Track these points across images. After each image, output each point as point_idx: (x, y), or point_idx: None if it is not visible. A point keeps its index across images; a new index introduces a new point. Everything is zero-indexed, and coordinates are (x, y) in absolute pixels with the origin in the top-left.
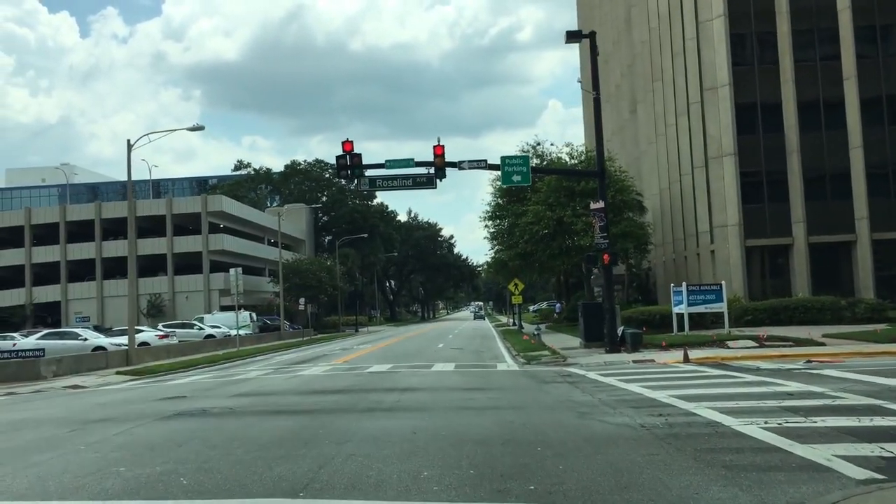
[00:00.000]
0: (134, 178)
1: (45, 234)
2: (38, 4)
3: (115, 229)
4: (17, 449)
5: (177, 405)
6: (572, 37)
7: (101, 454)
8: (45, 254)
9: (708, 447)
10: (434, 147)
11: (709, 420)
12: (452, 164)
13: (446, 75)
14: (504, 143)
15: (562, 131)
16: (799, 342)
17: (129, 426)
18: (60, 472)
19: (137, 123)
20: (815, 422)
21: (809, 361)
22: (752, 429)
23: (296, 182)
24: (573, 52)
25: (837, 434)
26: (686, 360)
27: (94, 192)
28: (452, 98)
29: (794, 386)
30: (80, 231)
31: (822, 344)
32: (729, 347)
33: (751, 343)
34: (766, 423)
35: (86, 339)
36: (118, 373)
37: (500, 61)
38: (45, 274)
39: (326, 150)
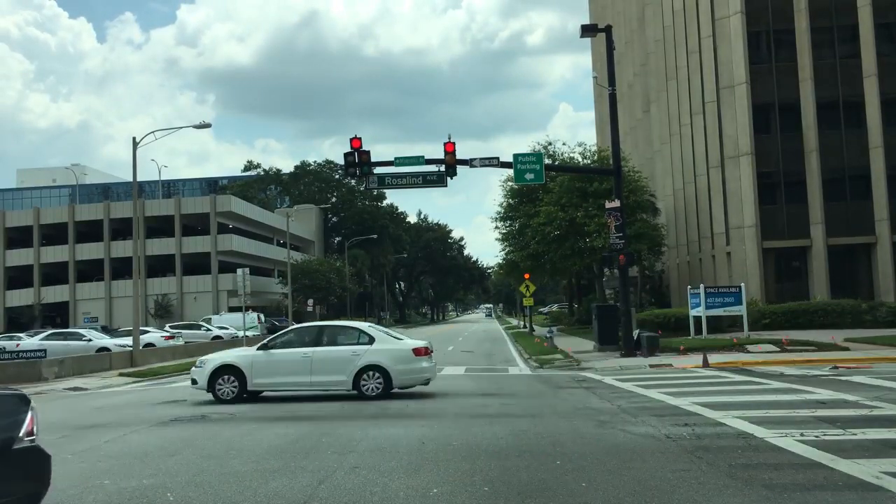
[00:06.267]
0: (145, 178)
1: (54, 235)
2: (58, 9)
3: (124, 229)
4: None
5: (175, 410)
6: (588, 31)
7: (88, 464)
8: (54, 254)
9: (743, 462)
10: (445, 144)
11: (739, 431)
12: (463, 162)
13: (457, 79)
14: (515, 146)
15: (572, 134)
16: (822, 347)
17: (123, 433)
18: None
19: (153, 126)
20: (856, 434)
21: (836, 367)
22: (789, 441)
23: (305, 183)
24: (584, 56)
25: (882, 448)
26: (706, 364)
27: (106, 192)
28: (463, 102)
29: (824, 394)
30: (89, 231)
31: (846, 349)
32: (749, 352)
33: (772, 347)
34: (802, 435)
35: (90, 340)
36: (121, 374)
37: (511, 65)
38: (54, 274)
39: (338, 152)
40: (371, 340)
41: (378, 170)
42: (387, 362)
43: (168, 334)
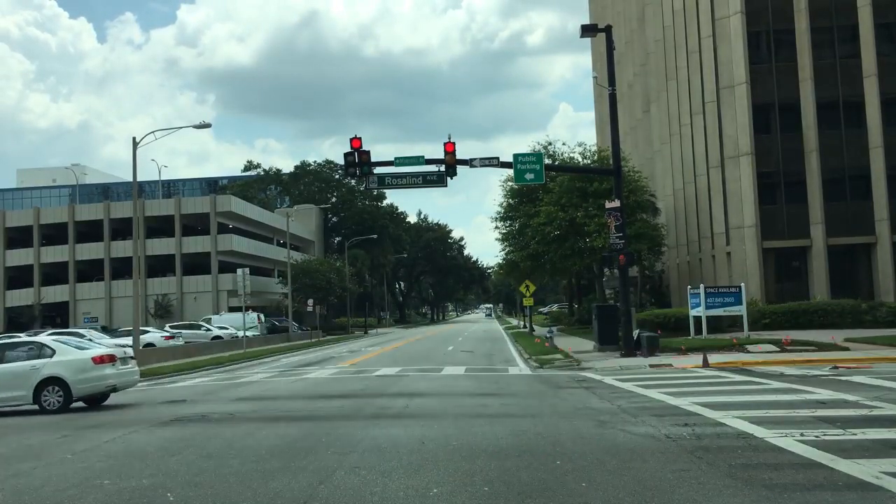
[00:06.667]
0: (145, 178)
1: (54, 234)
2: (58, 9)
3: (123, 229)
4: None
5: (175, 410)
6: (588, 31)
7: (88, 464)
8: (54, 254)
9: (743, 462)
10: (445, 144)
11: (739, 431)
12: (463, 162)
13: (457, 79)
14: (515, 146)
15: (572, 134)
16: (822, 347)
17: (123, 433)
18: (40, 484)
19: (153, 127)
20: (856, 434)
21: (836, 367)
22: (789, 441)
23: (305, 183)
24: (584, 56)
25: (882, 448)
26: (706, 364)
27: (106, 192)
28: (463, 102)
29: (824, 394)
30: (89, 231)
31: (846, 349)
32: (749, 352)
33: (772, 347)
34: (801, 434)
35: (89, 340)
36: None
37: (511, 65)
38: (54, 274)
39: (338, 152)
40: (52, 353)
41: (378, 170)
42: (65, 374)
43: (168, 334)
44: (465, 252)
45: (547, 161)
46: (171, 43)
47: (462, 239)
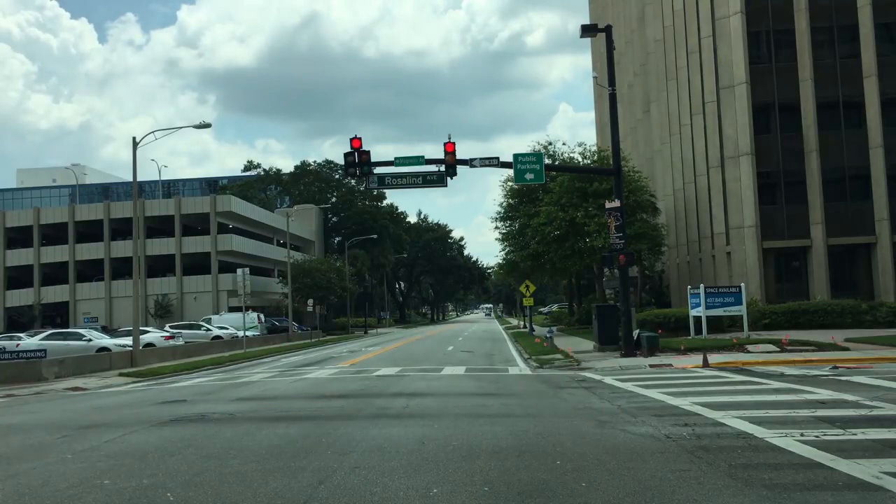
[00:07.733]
0: (145, 179)
1: (55, 234)
2: (59, 10)
3: (124, 229)
4: None
5: (175, 410)
6: (587, 31)
7: (88, 464)
8: (54, 254)
9: (743, 462)
10: (445, 144)
11: (739, 431)
12: (463, 162)
13: (458, 80)
14: (515, 147)
15: (572, 135)
16: (821, 347)
17: (122, 433)
18: (40, 484)
19: (154, 127)
20: (856, 434)
21: (836, 367)
22: (788, 441)
23: (305, 183)
24: (584, 56)
25: (882, 448)
26: (706, 364)
27: (106, 192)
28: (463, 102)
29: (824, 394)
30: (90, 231)
31: (846, 349)
32: (749, 352)
33: (772, 347)
34: (801, 434)
35: (90, 340)
36: (121, 374)
37: (511, 66)
38: (54, 274)
39: (338, 152)
40: None
41: (378, 170)
42: None
43: (168, 334)
44: (465, 252)
45: (547, 161)
46: (171, 44)
47: (462, 239)
